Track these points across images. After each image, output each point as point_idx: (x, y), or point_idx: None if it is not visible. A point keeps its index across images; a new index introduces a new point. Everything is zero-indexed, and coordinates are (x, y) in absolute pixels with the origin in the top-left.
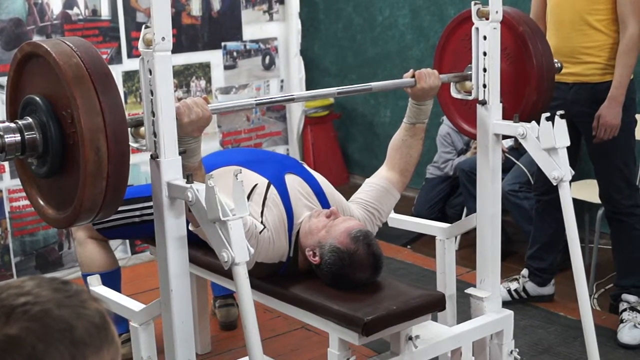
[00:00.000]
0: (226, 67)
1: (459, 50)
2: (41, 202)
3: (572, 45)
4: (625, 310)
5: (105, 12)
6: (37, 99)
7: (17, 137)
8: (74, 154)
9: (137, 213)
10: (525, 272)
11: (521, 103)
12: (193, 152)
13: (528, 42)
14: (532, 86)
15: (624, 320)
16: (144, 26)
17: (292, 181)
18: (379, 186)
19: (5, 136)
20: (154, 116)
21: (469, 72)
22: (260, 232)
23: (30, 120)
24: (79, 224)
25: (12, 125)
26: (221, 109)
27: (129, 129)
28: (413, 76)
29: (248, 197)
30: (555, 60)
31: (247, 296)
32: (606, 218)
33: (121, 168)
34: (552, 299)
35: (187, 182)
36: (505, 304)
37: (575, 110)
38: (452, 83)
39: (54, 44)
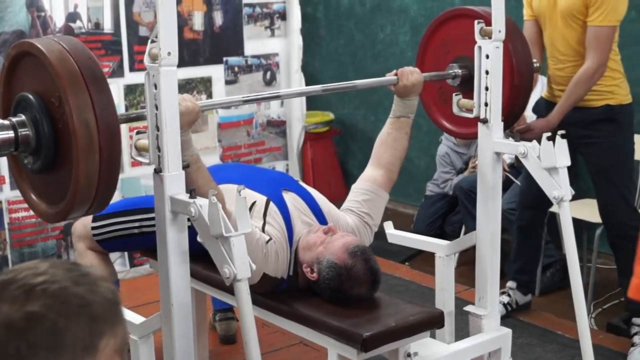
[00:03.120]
0: (227, 82)
1: (439, 53)
2: (35, 198)
3: (568, 74)
4: (636, 334)
5: (107, 26)
6: (29, 96)
7: (11, 134)
8: (66, 145)
9: (137, 224)
10: (512, 284)
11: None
12: (185, 144)
13: (507, 42)
14: (510, 84)
15: (635, 344)
16: (149, 40)
17: (290, 198)
18: (364, 190)
19: None
20: (158, 130)
21: (450, 71)
22: (267, 243)
23: (23, 117)
24: (75, 215)
25: (6, 122)
26: (209, 106)
27: (130, 138)
28: (396, 74)
29: None
30: (534, 60)
31: (248, 312)
32: (609, 243)
33: (112, 140)
34: (530, 305)
35: (190, 197)
36: (502, 321)
37: (574, 132)
38: (453, 101)
39: (38, 40)
